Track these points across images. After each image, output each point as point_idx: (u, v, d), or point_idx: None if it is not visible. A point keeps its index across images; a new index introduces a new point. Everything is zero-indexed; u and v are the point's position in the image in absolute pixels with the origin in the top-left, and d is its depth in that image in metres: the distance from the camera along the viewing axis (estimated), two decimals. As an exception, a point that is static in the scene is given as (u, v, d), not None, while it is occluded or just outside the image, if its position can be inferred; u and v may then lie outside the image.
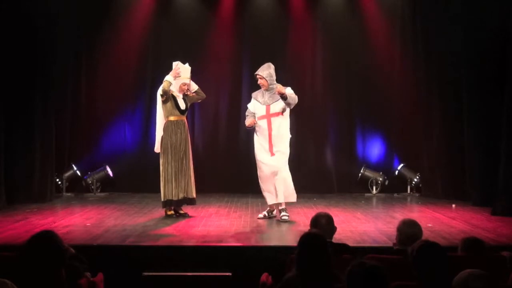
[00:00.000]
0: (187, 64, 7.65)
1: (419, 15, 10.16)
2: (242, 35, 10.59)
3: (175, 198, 7.42)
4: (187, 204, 7.55)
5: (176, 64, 7.62)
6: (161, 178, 7.50)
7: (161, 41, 10.56)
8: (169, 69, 10.35)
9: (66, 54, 9.89)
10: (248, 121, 7.45)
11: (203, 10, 10.63)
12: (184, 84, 7.59)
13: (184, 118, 7.63)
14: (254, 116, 7.42)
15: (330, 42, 10.64)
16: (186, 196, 7.46)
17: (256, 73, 7.48)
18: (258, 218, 7.40)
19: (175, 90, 7.57)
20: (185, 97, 7.66)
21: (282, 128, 7.39)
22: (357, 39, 10.56)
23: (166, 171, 7.45)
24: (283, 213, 7.29)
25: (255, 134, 7.52)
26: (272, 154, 7.32)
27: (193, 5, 10.63)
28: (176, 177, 7.43)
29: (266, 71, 7.41)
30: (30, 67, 8.88)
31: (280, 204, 7.33)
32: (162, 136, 7.54)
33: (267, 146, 7.35)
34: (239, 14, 10.62)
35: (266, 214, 7.45)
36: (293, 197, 7.38)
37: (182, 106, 7.59)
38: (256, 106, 7.48)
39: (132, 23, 10.46)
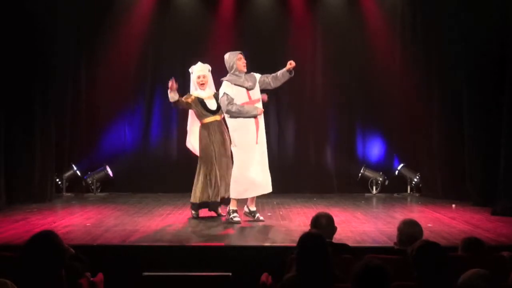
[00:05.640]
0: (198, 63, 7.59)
1: (419, 15, 10.18)
2: (242, 35, 10.57)
3: (212, 200, 7.29)
4: (225, 204, 7.36)
5: (191, 70, 7.56)
6: (197, 181, 7.34)
7: (161, 41, 10.57)
8: (169, 69, 10.44)
9: (66, 54, 9.89)
10: (258, 110, 7.00)
11: (203, 10, 10.64)
12: (198, 76, 7.45)
13: (217, 117, 7.39)
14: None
15: (330, 42, 10.64)
16: (224, 196, 7.29)
17: (241, 52, 7.23)
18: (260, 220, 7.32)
19: (198, 91, 7.45)
20: (216, 95, 7.43)
21: (262, 116, 7.16)
22: (357, 39, 10.56)
23: (204, 175, 7.29)
24: (257, 215, 7.25)
25: (234, 124, 7.03)
26: (257, 142, 7.02)
27: (193, 5, 10.63)
28: (216, 180, 7.27)
29: None
30: (30, 67, 8.88)
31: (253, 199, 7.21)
32: (199, 140, 7.41)
33: (254, 135, 7.00)
34: (239, 14, 10.62)
35: (248, 212, 7.25)
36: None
37: (212, 106, 7.42)
38: (236, 91, 7.02)
39: (132, 23, 10.46)
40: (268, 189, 7.17)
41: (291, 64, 7.07)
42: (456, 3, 9.09)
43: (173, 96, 7.30)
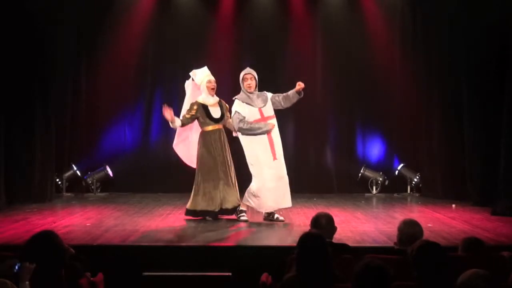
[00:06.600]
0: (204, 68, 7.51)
1: (419, 15, 10.18)
2: (242, 35, 10.58)
3: (211, 209, 7.21)
4: (228, 214, 7.30)
5: (193, 74, 7.45)
6: (195, 191, 7.28)
7: (161, 41, 10.56)
8: (169, 69, 10.44)
9: (66, 54, 9.88)
10: (269, 125, 7.06)
11: (203, 10, 10.64)
12: (209, 81, 7.33)
13: (219, 126, 7.31)
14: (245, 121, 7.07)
15: (330, 42, 10.64)
16: (227, 207, 7.23)
17: (250, 72, 7.21)
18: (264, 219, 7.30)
19: (203, 96, 7.35)
20: (221, 103, 7.41)
21: (277, 130, 7.22)
22: (357, 39, 10.56)
23: (202, 185, 7.23)
24: (277, 215, 7.25)
25: (247, 142, 7.13)
26: (275, 158, 7.08)
27: (193, 5, 10.63)
28: (214, 190, 7.19)
29: (255, 73, 7.24)
30: (30, 67, 8.87)
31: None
32: (198, 148, 7.31)
33: (268, 151, 7.07)
34: (239, 14, 10.62)
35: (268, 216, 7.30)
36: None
37: (216, 114, 7.30)
38: (247, 110, 7.10)
39: (132, 23, 10.47)
40: (286, 203, 7.17)
41: (300, 85, 7.11)
42: (456, 3, 9.10)
43: (175, 125, 7.25)
